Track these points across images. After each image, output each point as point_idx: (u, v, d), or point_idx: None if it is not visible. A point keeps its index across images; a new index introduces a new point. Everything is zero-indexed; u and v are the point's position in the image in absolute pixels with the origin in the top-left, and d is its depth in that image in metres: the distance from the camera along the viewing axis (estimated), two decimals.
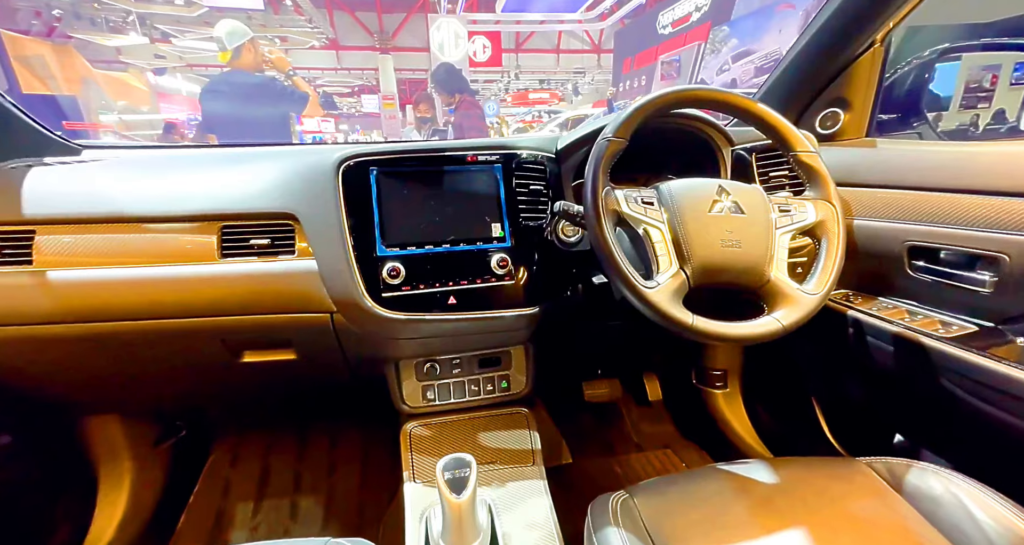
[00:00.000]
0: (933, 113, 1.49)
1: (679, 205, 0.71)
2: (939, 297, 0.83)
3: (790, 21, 8.37)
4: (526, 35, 17.73)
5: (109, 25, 11.28)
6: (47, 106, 5.17)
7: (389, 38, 15.60)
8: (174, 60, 13.64)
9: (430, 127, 3.76)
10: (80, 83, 9.34)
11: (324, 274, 0.77)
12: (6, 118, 0.87)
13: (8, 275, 0.71)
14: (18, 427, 0.86)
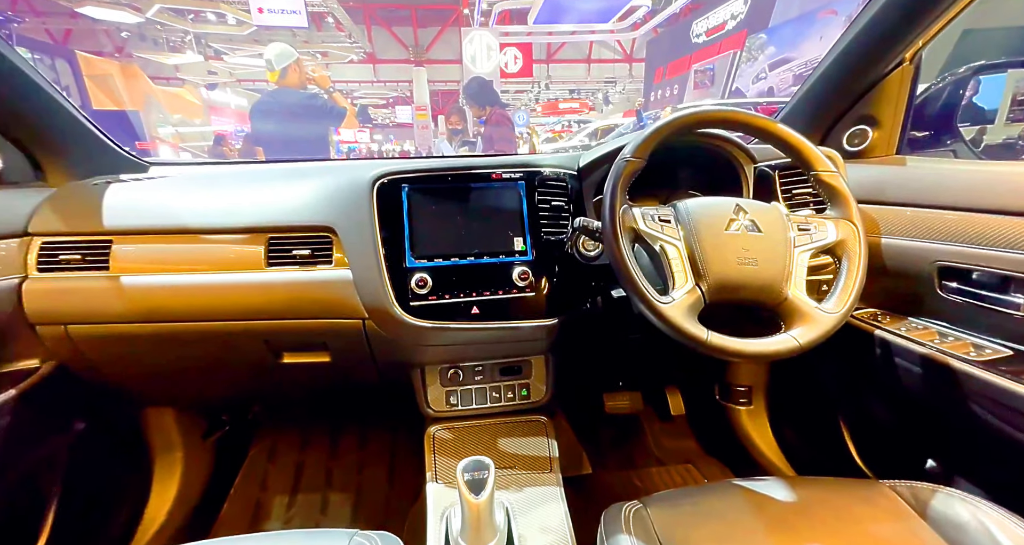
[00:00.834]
0: (977, 126, 1.44)
1: (695, 223, 0.73)
2: (971, 319, 0.81)
3: (832, 27, 8.11)
4: (557, 46, 17.86)
5: (169, 45, 12.18)
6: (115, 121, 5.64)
7: (423, 51, 16.08)
8: (225, 76, 14.55)
9: (461, 138, 3.87)
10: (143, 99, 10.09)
11: (358, 283, 0.83)
12: (91, 140, 0.98)
13: (89, 279, 0.80)
14: (90, 415, 0.96)
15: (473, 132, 3.93)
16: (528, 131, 12.03)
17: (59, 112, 0.90)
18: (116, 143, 1.05)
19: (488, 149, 3.49)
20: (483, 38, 10.67)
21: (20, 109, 0.84)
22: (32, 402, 0.78)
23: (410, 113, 17.12)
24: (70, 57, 8.91)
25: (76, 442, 0.93)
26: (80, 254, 0.81)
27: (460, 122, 3.98)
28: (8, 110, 0.83)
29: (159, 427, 1.10)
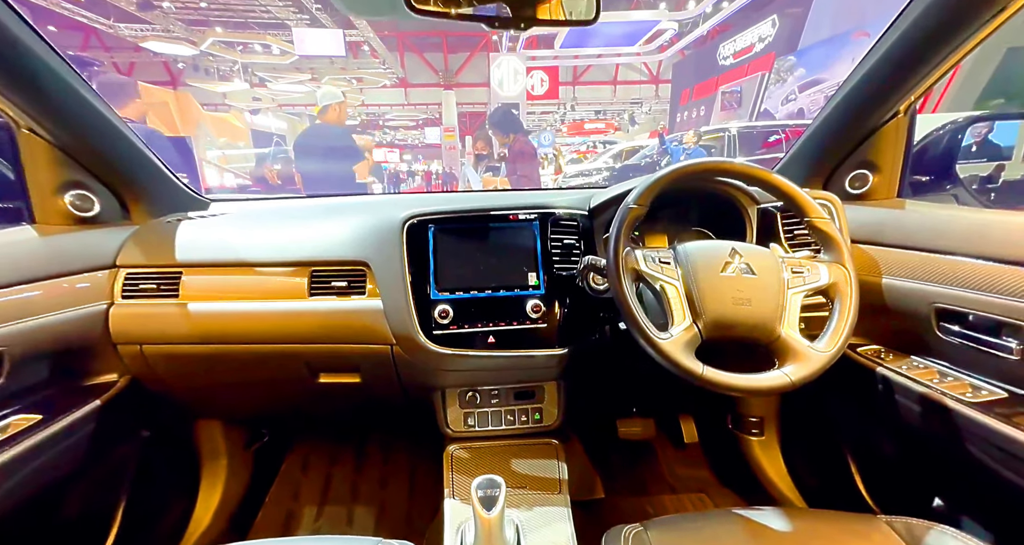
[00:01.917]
0: (995, 163, 1.45)
1: (693, 265, 0.79)
2: (969, 360, 0.84)
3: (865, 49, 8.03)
4: (583, 68, 18.19)
5: (219, 74, 13.12)
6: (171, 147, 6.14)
7: (453, 75, 16.70)
8: (268, 101, 15.48)
9: (486, 163, 4.03)
10: (195, 125, 10.85)
11: (387, 312, 0.93)
12: (166, 181, 1.13)
13: (162, 305, 0.93)
14: (153, 425, 1.09)
15: (498, 154, 4.08)
16: (554, 152, 12.26)
17: (142, 159, 1.05)
18: (185, 183, 1.20)
19: (511, 174, 3.63)
20: (510, 62, 11.04)
21: (114, 159, 0.99)
22: (110, 412, 0.90)
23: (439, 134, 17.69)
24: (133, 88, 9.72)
25: (141, 449, 1.06)
26: (156, 284, 0.94)
27: (485, 148, 4.15)
28: (105, 160, 0.98)
29: (208, 437, 1.22)
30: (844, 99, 1.00)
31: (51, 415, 0.80)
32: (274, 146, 10.28)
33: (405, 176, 17.85)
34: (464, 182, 3.84)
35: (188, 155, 6.12)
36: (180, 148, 6.12)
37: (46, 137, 0.88)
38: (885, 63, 0.90)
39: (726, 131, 7.36)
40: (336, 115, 3.01)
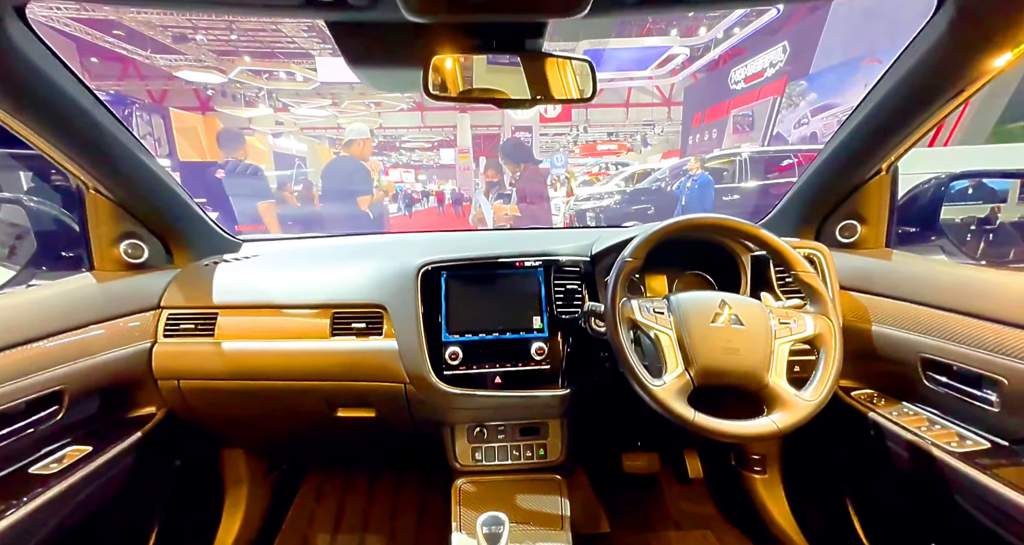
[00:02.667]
0: (990, 205, 1.49)
1: (685, 316, 0.85)
2: (955, 409, 0.87)
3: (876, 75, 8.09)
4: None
5: (245, 100, 13.74)
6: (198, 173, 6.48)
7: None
8: (290, 125, 16.10)
9: (496, 191, 4.15)
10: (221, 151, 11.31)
11: (402, 353, 1.01)
12: (203, 226, 1.24)
13: (199, 344, 1.02)
14: (184, 454, 1.17)
15: (509, 181, 4.20)
16: (566, 174, 12.42)
17: (185, 208, 1.17)
18: (219, 226, 1.32)
19: (521, 202, 3.75)
20: None
21: (163, 210, 1.10)
22: (150, 442, 0.98)
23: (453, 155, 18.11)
24: (164, 113, 10.26)
25: (174, 476, 1.14)
26: (194, 324, 1.04)
27: (496, 175, 4.28)
28: (156, 212, 1.09)
29: (232, 465, 1.29)
30: (830, 156, 1.07)
31: (100, 446, 0.88)
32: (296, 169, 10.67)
33: (420, 196, 18.23)
34: (476, 208, 3.96)
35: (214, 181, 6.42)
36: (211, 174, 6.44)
37: (108, 196, 1.00)
38: (865, 128, 0.97)
39: (738, 155, 7.43)
40: (360, 150, 3.29)
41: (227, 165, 3.67)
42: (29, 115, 0.80)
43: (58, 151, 0.87)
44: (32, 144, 0.84)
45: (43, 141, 0.84)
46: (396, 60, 0.82)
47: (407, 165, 25.49)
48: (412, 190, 18.68)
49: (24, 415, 0.78)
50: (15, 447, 0.77)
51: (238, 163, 3.56)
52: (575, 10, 0.65)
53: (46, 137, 0.83)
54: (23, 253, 1.08)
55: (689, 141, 14.65)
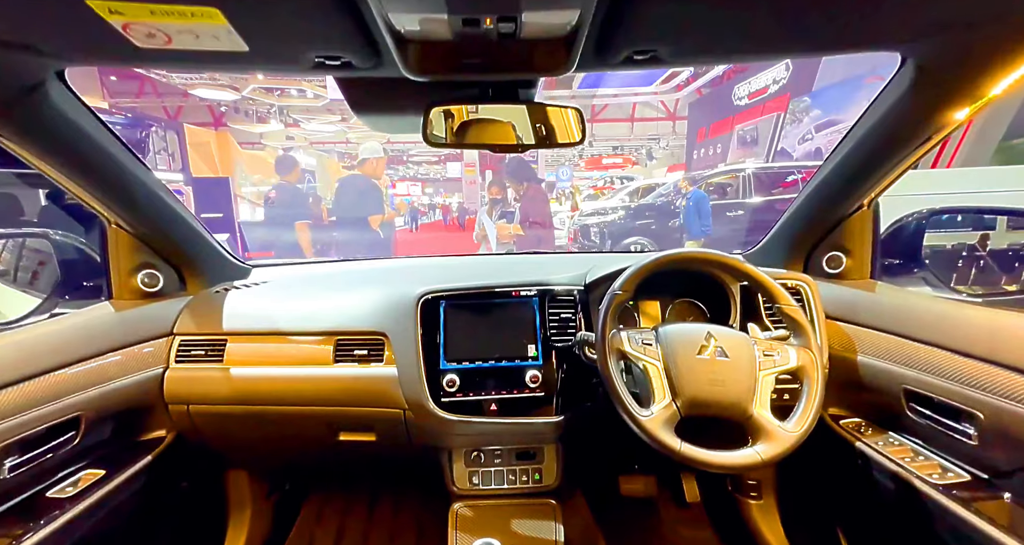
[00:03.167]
0: (979, 232, 1.52)
1: (672, 347, 0.88)
2: (937, 440, 0.90)
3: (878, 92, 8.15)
4: (601, 106, 18.72)
5: (257, 116, 14.05)
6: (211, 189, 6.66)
7: None
8: (300, 140, 16.42)
9: (500, 208, 4.22)
10: (232, 163, 11.57)
11: (402, 380, 1.05)
12: (215, 254, 1.30)
13: (208, 369, 1.07)
14: (191, 476, 1.21)
15: (513, 198, 4.27)
16: (572, 188, 12.54)
17: (198, 238, 1.23)
18: (230, 252, 1.37)
19: (524, 220, 3.81)
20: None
21: (178, 242, 1.16)
22: (160, 465, 1.03)
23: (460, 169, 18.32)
24: (179, 129, 10.52)
25: (181, 497, 1.18)
26: (204, 350, 1.09)
27: (500, 193, 4.36)
28: (171, 244, 1.15)
29: (236, 487, 1.33)
30: (814, 191, 1.11)
31: (112, 469, 0.93)
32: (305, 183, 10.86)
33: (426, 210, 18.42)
34: (480, 227, 4.02)
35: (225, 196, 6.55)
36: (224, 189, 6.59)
37: (128, 230, 1.06)
38: (844, 167, 1.01)
39: (742, 171, 7.48)
40: (373, 168, 3.39)
41: (279, 186, 3.94)
42: (61, 160, 0.87)
43: (85, 191, 0.94)
44: (61, 184, 0.91)
45: (72, 182, 0.91)
46: (397, 109, 0.89)
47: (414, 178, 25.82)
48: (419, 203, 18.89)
49: (44, 440, 0.83)
50: (35, 471, 0.82)
51: (286, 186, 3.83)
52: (561, 70, 0.70)
53: (74, 179, 0.90)
54: (49, 283, 1.14)
55: (694, 155, 14.73)
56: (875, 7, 0.60)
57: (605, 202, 9.66)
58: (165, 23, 0.54)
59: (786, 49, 0.80)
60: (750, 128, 11.79)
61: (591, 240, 8.06)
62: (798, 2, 0.58)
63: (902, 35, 0.68)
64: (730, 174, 7.69)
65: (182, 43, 0.58)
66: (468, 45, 0.64)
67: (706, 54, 0.73)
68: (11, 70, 0.67)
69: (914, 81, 0.76)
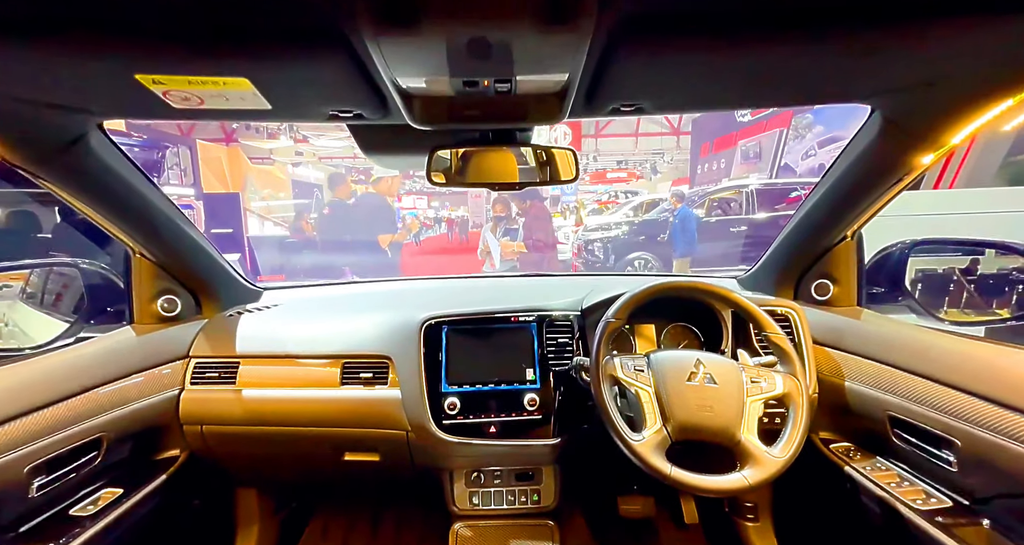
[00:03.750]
0: (970, 257, 1.56)
1: (663, 374, 0.92)
2: (921, 466, 0.93)
3: None
4: (605, 122, 18.93)
5: (267, 132, 14.38)
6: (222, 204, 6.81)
7: None
8: (310, 156, 16.74)
9: (504, 226, 4.30)
10: (243, 178, 11.80)
11: (405, 403, 1.10)
12: (228, 278, 1.36)
13: (222, 391, 1.12)
14: (202, 494, 1.25)
15: (516, 213, 4.35)
16: (576, 204, 12.63)
17: (214, 264, 1.29)
18: (242, 276, 1.44)
19: (528, 238, 3.89)
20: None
21: (196, 269, 1.23)
22: (174, 483, 1.07)
23: None
24: (191, 145, 10.79)
25: (193, 515, 1.22)
26: (218, 372, 1.14)
27: (504, 210, 4.44)
28: (190, 271, 1.22)
29: (245, 504, 1.37)
30: (801, 221, 1.16)
31: (130, 488, 0.98)
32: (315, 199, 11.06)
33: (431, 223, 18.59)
34: (484, 244, 4.10)
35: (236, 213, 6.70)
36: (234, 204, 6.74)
37: (151, 258, 1.13)
38: (825, 202, 1.06)
39: (745, 187, 7.53)
40: (387, 187, 3.55)
41: (333, 204, 4.10)
42: (97, 199, 0.94)
43: (114, 224, 1.01)
44: (91, 219, 0.98)
45: (102, 216, 0.98)
46: (403, 151, 0.95)
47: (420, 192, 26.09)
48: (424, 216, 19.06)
49: (69, 460, 0.88)
50: (59, 490, 0.87)
51: (340, 203, 4.00)
52: (554, 120, 0.77)
53: (104, 214, 0.97)
54: (76, 308, 1.21)
55: (698, 170, 14.83)
56: (844, 66, 0.65)
57: (609, 217, 9.73)
58: (200, 90, 0.61)
59: (763, 102, 0.86)
60: (753, 144, 11.88)
61: (595, 255, 8.11)
62: (772, 64, 0.64)
63: (869, 91, 0.74)
64: (734, 190, 7.74)
65: (213, 104, 0.65)
66: (468, 100, 0.70)
67: (687, 105, 0.79)
68: (61, 125, 0.74)
69: (882, 130, 0.82)
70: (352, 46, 0.55)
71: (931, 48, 0.58)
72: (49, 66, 0.57)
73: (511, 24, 0.51)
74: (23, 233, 3.32)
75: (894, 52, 0.59)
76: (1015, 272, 1.49)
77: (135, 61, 0.55)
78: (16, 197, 3.38)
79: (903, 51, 0.58)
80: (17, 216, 3.40)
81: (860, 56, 0.61)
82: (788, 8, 0.52)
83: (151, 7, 0.49)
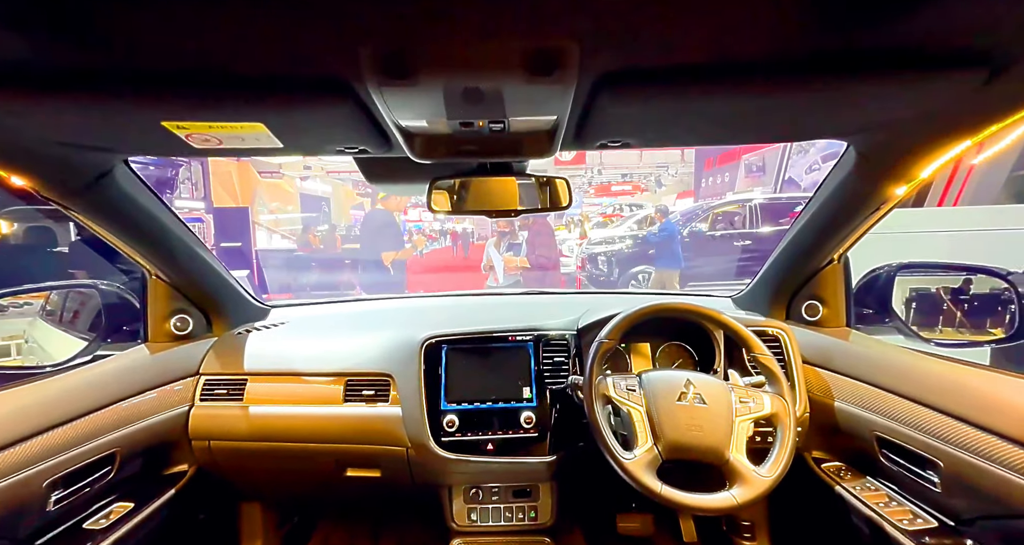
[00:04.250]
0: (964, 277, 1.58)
1: (654, 394, 0.95)
2: (908, 486, 0.94)
3: None
4: None
5: None
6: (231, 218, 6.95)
7: None
8: (317, 170, 17.01)
9: (507, 241, 4.35)
10: (252, 190, 12.01)
11: (405, 420, 1.13)
12: (237, 297, 1.41)
13: (229, 407, 1.17)
14: (208, 508, 1.29)
15: (519, 226, 4.40)
16: (581, 217, 12.71)
17: (224, 284, 1.34)
18: (251, 294, 1.49)
19: (531, 253, 3.93)
20: None
21: (208, 289, 1.28)
22: (182, 498, 1.11)
23: None
24: (203, 161, 11.03)
25: (199, 528, 1.25)
26: (226, 389, 1.19)
27: (507, 225, 4.50)
28: (202, 291, 1.27)
29: (249, 518, 1.40)
30: (789, 245, 1.20)
31: (140, 502, 1.01)
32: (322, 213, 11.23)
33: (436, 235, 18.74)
34: (487, 258, 4.15)
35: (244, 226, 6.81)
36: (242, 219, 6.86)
37: (166, 280, 1.19)
38: (810, 227, 1.10)
39: (749, 201, 7.58)
40: (396, 203, 3.61)
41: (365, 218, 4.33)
42: (120, 228, 1.01)
43: (134, 249, 1.07)
44: (112, 244, 1.04)
45: (123, 243, 1.04)
46: (405, 180, 1.01)
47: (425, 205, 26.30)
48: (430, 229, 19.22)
49: (84, 475, 0.92)
50: (74, 504, 0.91)
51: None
52: (546, 154, 0.82)
53: (125, 241, 1.03)
54: (93, 326, 1.27)
55: (702, 184, 14.91)
56: (816, 110, 0.70)
57: (613, 230, 9.78)
58: (219, 132, 0.67)
59: (744, 139, 0.91)
60: (756, 158, 11.96)
61: (599, 268, 8.14)
62: (748, 108, 0.69)
63: (843, 129, 0.79)
64: (737, 204, 7.78)
65: (230, 144, 0.71)
66: (465, 136, 0.76)
67: (672, 142, 0.84)
68: (90, 163, 0.81)
69: (856, 164, 0.86)
70: (357, 94, 0.61)
71: (894, 95, 0.63)
72: (85, 114, 0.63)
73: (500, 76, 0.57)
74: (41, 248, 3.43)
75: (861, 98, 0.64)
76: (1007, 292, 1.51)
77: (162, 109, 0.61)
78: (33, 214, 3.50)
79: (869, 97, 0.63)
80: (34, 232, 3.51)
81: (830, 101, 0.66)
82: (760, 62, 0.57)
83: (180, 62, 0.55)
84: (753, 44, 0.54)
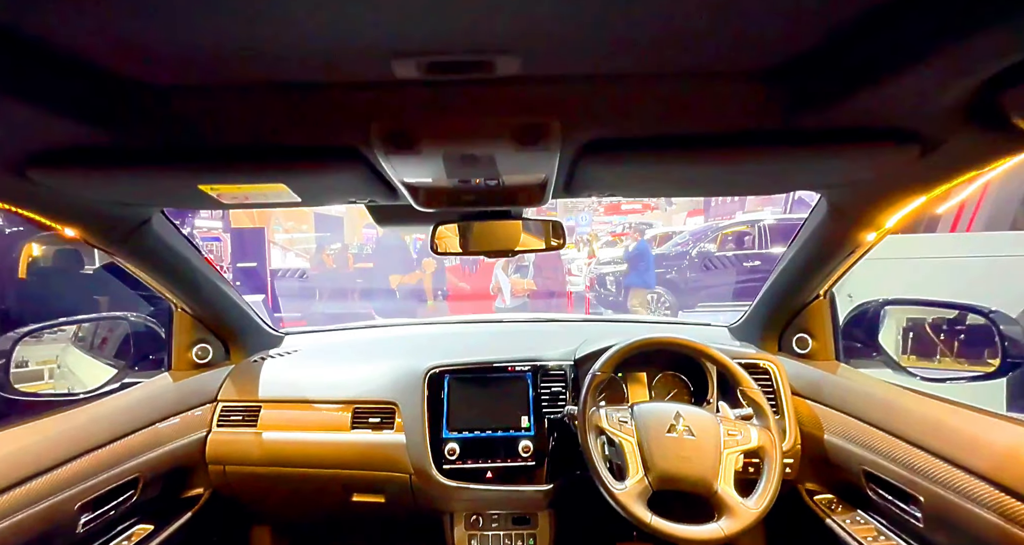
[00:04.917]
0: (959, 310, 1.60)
1: (645, 426, 1.00)
2: (895, 521, 0.96)
3: None
4: None
5: None
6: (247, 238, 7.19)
7: None
8: None
9: (516, 263, 4.43)
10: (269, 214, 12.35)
11: (409, 447, 1.18)
12: (253, 325, 1.50)
13: (244, 433, 1.23)
14: (220, 531, 1.34)
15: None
16: (590, 236, 12.78)
17: (242, 315, 1.43)
18: (266, 322, 1.58)
19: (538, 275, 4.01)
20: None
21: (228, 320, 1.37)
22: (198, 521, 1.17)
23: None
24: None
25: None
26: (242, 416, 1.26)
27: None
28: (223, 322, 1.36)
29: (260, 542, 1.45)
30: (778, 280, 1.25)
31: (159, 525, 1.08)
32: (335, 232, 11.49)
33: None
34: (495, 280, 4.22)
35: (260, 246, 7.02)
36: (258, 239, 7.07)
37: (190, 312, 1.28)
38: (794, 265, 1.16)
39: (758, 222, 7.60)
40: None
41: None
42: (154, 267, 1.10)
43: (165, 287, 1.16)
44: (144, 280, 1.13)
45: (153, 280, 1.13)
46: (411, 223, 1.09)
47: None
48: None
49: (110, 498, 0.99)
50: (101, 526, 0.97)
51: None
52: (538, 204, 0.90)
53: (158, 279, 1.13)
54: (120, 354, 1.36)
55: (712, 202, 14.90)
56: (787, 169, 0.77)
57: (621, 250, 9.84)
58: (246, 191, 0.76)
59: (722, 192, 0.99)
60: None
61: (607, 288, 8.16)
62: (725, 169, 0.76)
63: (815, 183, 0.85)
64: (745, 225, 7.80)
65: (255, 199, 0.80)
66: (464, 189, 0.84)
67: (656, 193, 0.91)
68: (132, 215, 0.91)
69: (828, 212, 0.93)
70: (367, 159, 0.70)
71: (847, 162, 0.70)
72: (132, 183, 0.73)
73: (493, 146, 0.65)
74: (69, 271, 3.60)
75: (819, 164, 0.70)
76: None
77: (199, 176, 0.70)
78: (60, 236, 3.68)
79: (826, 164, 0.70)
80: (63, 254, 3.69)
81: (794, 165, 0.73)
82: (726, 134, 0.64)
83: (216, 140, 0.64)
84: (717, 123, 0.61)
